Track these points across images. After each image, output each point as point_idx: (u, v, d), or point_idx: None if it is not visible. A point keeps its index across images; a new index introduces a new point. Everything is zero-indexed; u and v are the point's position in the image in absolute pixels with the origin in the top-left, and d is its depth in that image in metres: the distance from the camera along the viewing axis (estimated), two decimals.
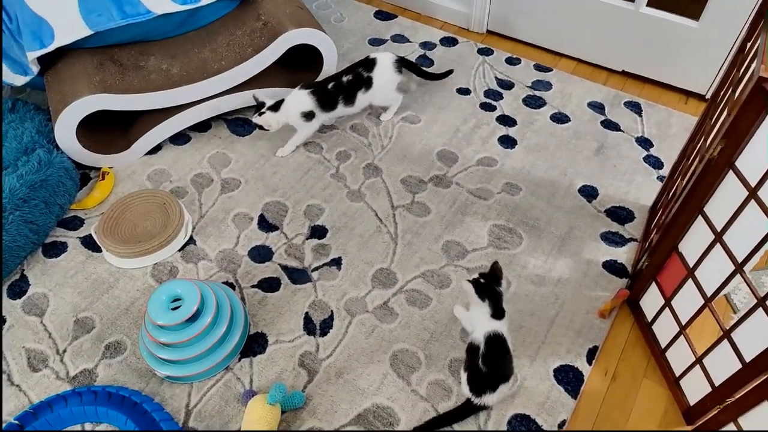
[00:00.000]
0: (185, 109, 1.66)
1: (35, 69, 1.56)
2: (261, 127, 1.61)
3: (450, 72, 1.86)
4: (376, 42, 2.08)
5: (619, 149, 1.69)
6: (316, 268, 1.41)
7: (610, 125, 1.77)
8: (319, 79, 1.79)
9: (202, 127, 1.77)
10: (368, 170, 1.64)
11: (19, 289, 1.37)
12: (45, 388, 1.21)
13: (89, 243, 1.46)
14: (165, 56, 1.64)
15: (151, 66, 1.62)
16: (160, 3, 1.51)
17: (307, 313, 1.32)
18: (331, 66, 1.79)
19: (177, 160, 1.68)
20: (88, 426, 1.15)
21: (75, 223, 1.52)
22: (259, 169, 1.65)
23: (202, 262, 1.43)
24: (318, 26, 1.71)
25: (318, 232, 1.48)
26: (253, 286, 1.38)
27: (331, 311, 1.33)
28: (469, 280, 1.16)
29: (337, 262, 1.42)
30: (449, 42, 2.09)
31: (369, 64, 1.66)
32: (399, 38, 2.10)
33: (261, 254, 1.44)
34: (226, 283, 1.38)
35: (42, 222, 1.43)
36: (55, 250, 1.46)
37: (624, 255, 1.43)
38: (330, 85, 1.62)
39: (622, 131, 1.75)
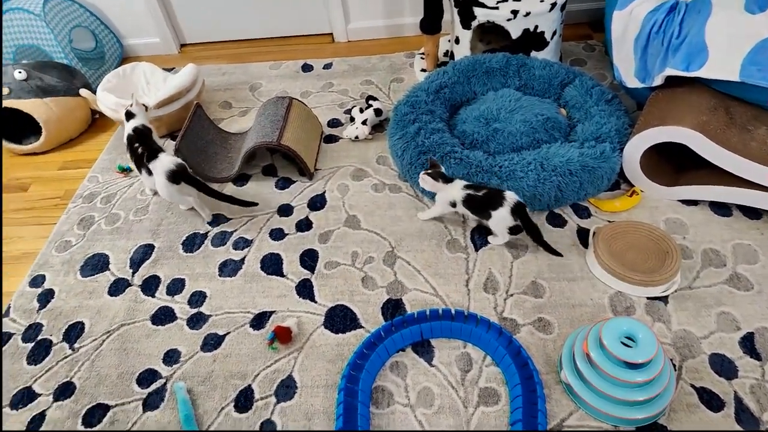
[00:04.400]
0: (751, 188, 1.52)
1: (657, 82, 1.67)
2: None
3: (253, 204, 1.71)
4: None
5: None
6: None
7: None
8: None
9: (751, 212, 1.59)
10: None
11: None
12: (482, 309, 1.42)
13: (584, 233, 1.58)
14: None
15: (758, 135, 1.51)
16: None
17: None
18: None
19: (703, 225, 1.58)
20: (487, 362, 1.32)
21: (584, 213, 1.66)
22: None
23: (659, 323, 1.36)
24: None
25: None
26: (692, 386, 1.23)
27: None
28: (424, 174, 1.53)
29: None
30: None
31: (154, 153, 1.61)
32: None
33: (722, 367, 1.26)
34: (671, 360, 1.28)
35: (566, 195, 1.61)
36: (557, 221, 1.64)
37: None
38: (136, 144, 1.66)
39: None
